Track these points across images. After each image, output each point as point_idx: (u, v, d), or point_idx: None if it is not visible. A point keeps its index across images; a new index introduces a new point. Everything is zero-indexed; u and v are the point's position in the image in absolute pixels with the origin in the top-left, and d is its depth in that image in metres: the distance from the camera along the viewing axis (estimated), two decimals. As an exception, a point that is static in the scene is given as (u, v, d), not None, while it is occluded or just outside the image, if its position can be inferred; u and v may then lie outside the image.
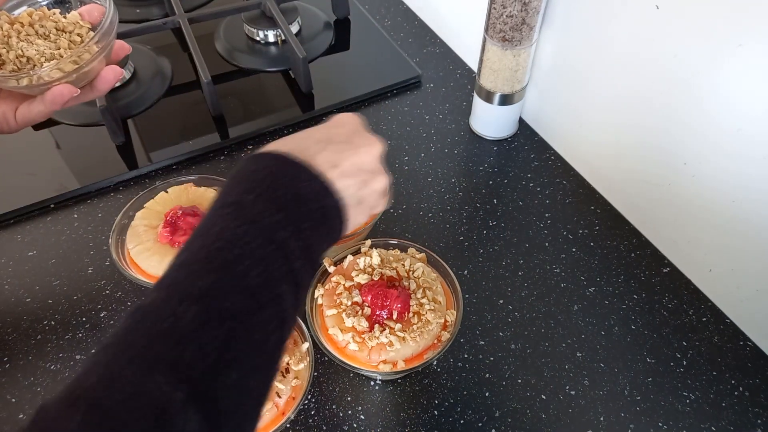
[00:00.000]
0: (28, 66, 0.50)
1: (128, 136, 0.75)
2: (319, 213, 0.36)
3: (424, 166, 0.73)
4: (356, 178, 0.39)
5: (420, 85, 0.83)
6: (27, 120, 0.51)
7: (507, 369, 0.57)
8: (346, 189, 0.38)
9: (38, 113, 0.50)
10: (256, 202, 0.34)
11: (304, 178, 0.36)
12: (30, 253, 0.65)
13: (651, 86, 0.58)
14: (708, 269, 0.61)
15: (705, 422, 0.53)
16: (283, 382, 0.48)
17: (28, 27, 0.52)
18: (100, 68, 0.52)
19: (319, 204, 0.36)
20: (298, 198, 0.35)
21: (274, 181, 0.35)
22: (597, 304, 0.61)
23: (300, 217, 0.34)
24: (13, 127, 0.51)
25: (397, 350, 0.49)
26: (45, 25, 0.52)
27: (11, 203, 0.68)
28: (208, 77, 0.73)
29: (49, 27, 0.52)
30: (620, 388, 0.55)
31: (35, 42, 0.51)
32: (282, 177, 0.35)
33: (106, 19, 0.52)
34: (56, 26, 0.53)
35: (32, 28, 0.52)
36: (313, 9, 0.92)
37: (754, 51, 0.48)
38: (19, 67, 0.50)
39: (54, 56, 0.50)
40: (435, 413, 0.54)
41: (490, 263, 0.64)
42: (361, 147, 0.40)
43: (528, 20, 0.64)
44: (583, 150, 0.72)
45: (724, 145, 0.54)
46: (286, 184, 0.35)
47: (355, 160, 0.39)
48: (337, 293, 0.53)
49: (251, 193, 0.34)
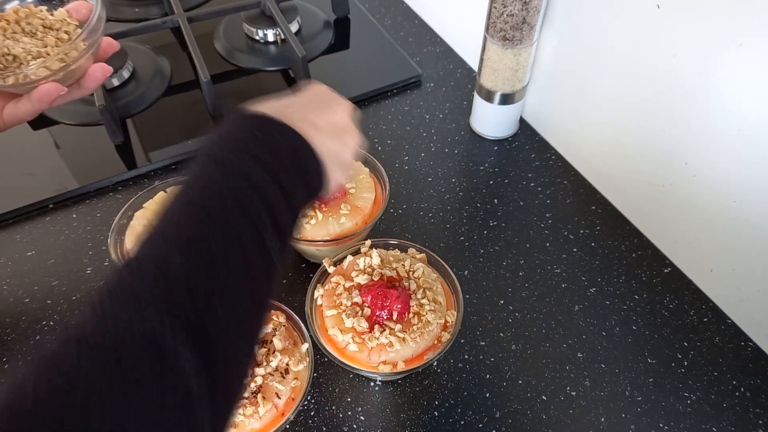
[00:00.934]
0: (14, 64, 0.49)
1: (127, 136, 0.75)
2: (300, 167, 0.38)
3: (425, 166, 0.73)
4: (333, 136, 0.41)
5: (420, 85, 0.83)
6: (14, 119, 0.50)
7: (507, 370, 0.56)
8: (323, 144, 0.39)
9: (25, 112, 0.50)
10: (238, 158, 0.35)
11: (283, 136, 0.37)
12: (29, 253, 0.64)
13: (651, 86, 0.58)
14: (709, 269, 0.60)
15: (706, 423, 0.53)
16: (283, 383, 0.48)
17: (14, 24, 0.51)
18: (87, 66, 0.52)
19: (298, 158, 0.37)
20: (279, 154, 0.36)
21: (254, 139, 0.36)
22: (598, 305, 0.61)
23: (281, 171, 0.36)
24: (3, 126, 0.51)
25: (397, 351, 0.49)
26: (32, 23, 0.52)
27: (10, 203, 0.67)
28: (207, 77, 0.73)
29: (35, 24, 0.52)
30: (621, 388, 0.55)
31: (21, 40, 0.51)
32: (262, 135, 0.37)
33: (93, 15, 0.51)
34: (43, 24, 0.52)
35: (18, 26, 0.51)
36: (313, 8, 0.92)
37: (754, 51, 0.48)
38: (5, 65, 0.49)
39: (41, 54, 0.50)
40: (435, 414, 0.54)
41: (491, 263, 0.64)
42: (333, 106, 0.43)
43: (528, 19, 0.64)
44: (583, 150, 0.71)
45: (725, 146, 0.53)
46: (266, 141, 0.36)
47: (329, 118, 0.41)
48: (337, 294, 0.53)
49: (234, 150, 0.36)
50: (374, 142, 0.76)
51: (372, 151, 0.74)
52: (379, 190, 0.62)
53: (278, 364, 0.49)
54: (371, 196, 0.61)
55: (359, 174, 0.62)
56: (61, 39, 0.52)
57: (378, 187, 0.62)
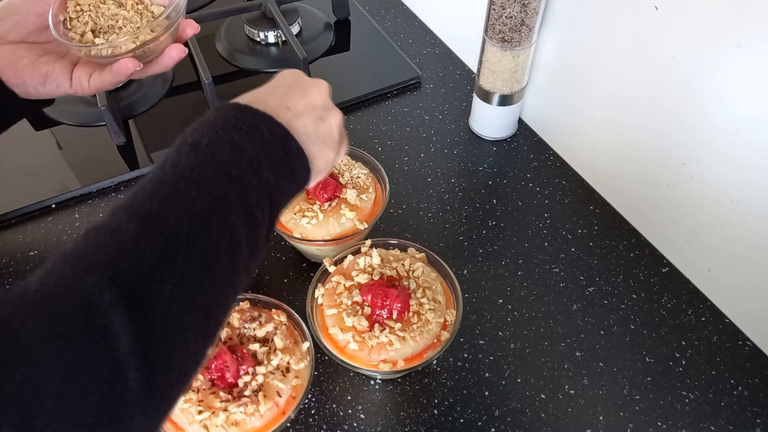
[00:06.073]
0: (105, 35, 0.53)
1: (129, 137, 0.75)
2: (281, 154, 0.38)
3: (424, 167, 0.74)
4: (312, 117, 0.42)
5: (420, 86, 0.83)
6: (98, 86, 0.54)
7: (506, 368, 0.57)
8: (303, 127, 0.40)
9: (107, 82, 0.53)
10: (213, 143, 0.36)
11: (262, 124, 0.38)
12: (31, 253, 0.65)
13: (650, 87, 0.59)
14: (707, 269, 0.61)
15: (704, 421, 0.54)
16: (284, 381, 0.48)
17: (110, 1, 0.55)
18: (166, 44, 0.55)
19: (278, 145, 0.38)
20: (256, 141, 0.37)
21: (233, 127, 0.37)
22: (596, 304, 0.61)
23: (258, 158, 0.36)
24: (87, 91, 0.54)
25: (397, 350, 0.50)
26: (124, 2, 0.55)
27: (13, 203, 0.68)
28: (209, 78, 0.73)
29: (128, 4, 0.55)
30: (619, 387, 0.56)
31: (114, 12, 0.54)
32: (241, 124, 0.37)
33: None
34: (133, 1, 0.55)
35: (113, 3, 0.55)
36: (314, 10, 0.92)
37: (752, 52, 0.48)
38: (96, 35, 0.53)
39: (129, 29, 0.53)
40: (435, 412, 0.54)
41: (490, 263, 0.64)
42: (309, 88, 0.43)
43: (527, 21, 0.64)
44: (582, 150, 0.72)
45: (723, 146, 0.54)
46: (246, 129, 0.37)
47: (306, 100, 0.42)
48: (338, 293, 0.53)
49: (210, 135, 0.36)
50: (374, 142, 0.76)
51: (372, 151, 0.74)
52: (379, 190, 0.63)
53: (279, 363, 0.49)
54: (371, 196, 0.61)
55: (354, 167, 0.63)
56: (144, 17, 0.55)
57: (378, 187, 0.63)
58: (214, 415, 0.45)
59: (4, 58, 0.51)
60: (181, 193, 0.33)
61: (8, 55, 0.52)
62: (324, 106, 0.43)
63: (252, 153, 0.36)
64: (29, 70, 0.52)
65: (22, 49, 0.52)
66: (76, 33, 0.53)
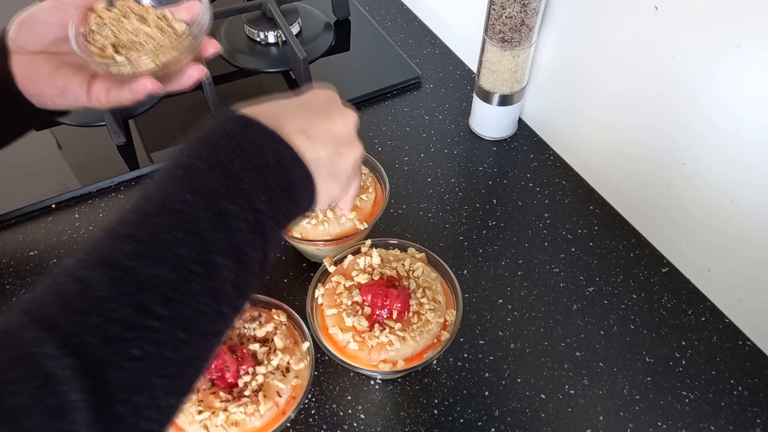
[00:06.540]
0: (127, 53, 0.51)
1: (129, 137, 0.75)
2: (283, 182, 0.35)
3: (424, 167, 0.74)
4: (329, 148, 0.38)
5: (420, 86, 0.83)
6: (116, 102, 0.52)
7: (506, 368, 0.57)
8: (317, 159, 0.37)
9: (125, 99, 0.52)
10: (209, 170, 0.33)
11: (270, 146, 0.35)
12: (31, 253, 0.65)
13: (649, 87, 0.59)
14: (707, 269, 0.61)
15: (704, 421, 0.54)
16: (284, 381, 0.48)
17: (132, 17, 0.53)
18: (186, 63, 0.53)
19: (284, 174, 0.35)
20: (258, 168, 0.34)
21: (235, 149, 0.34)
22: (596, 304, 0.61)
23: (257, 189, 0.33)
24: (104, 106, 0.53)
25: (397, 350, 0.50)
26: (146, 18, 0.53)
27: (13, 203, 0.68)
28: (209, 78, 0.73)
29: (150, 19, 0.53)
30: (619, 387, 0.56)
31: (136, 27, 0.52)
32: (245, 145, 0.34)
33: (202, 16, 0.52)
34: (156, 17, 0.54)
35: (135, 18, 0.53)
36: (314, 10, 0.92)
37: (752, 52, 0.48)
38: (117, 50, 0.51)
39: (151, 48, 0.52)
40: (435, 412, 0.54)
41: (490, 263, 0.65)
42: (336, 116, 0.40)
43: (527, 21, 0.64)
44: (582, 150, 0.72)
45: (723, 146, 0.54)
46: (248, 152, 0.34)
47: (328, 128, 0.39)
48: (338, 293, 0.53)
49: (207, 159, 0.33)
50: (374, 142, 0.76)
51: (372, 151, 0.74)
52: (379, 190, 0.63)
53: (279, 363, 0.49)
54: (371, 196, 0.61)
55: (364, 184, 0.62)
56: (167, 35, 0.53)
57: (378, 187, 0.63)
58: (214, 415, 0.46)
59: (23, 67, 0.50)
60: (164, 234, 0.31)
61: (27, 65, 0.50)
62: (346, 140, 0.40)
63: (250, 182, 0.33)
64: (47, 81, 0.51)
65: (40, 59, 0.51)
66: (96, 47, 0.52)
